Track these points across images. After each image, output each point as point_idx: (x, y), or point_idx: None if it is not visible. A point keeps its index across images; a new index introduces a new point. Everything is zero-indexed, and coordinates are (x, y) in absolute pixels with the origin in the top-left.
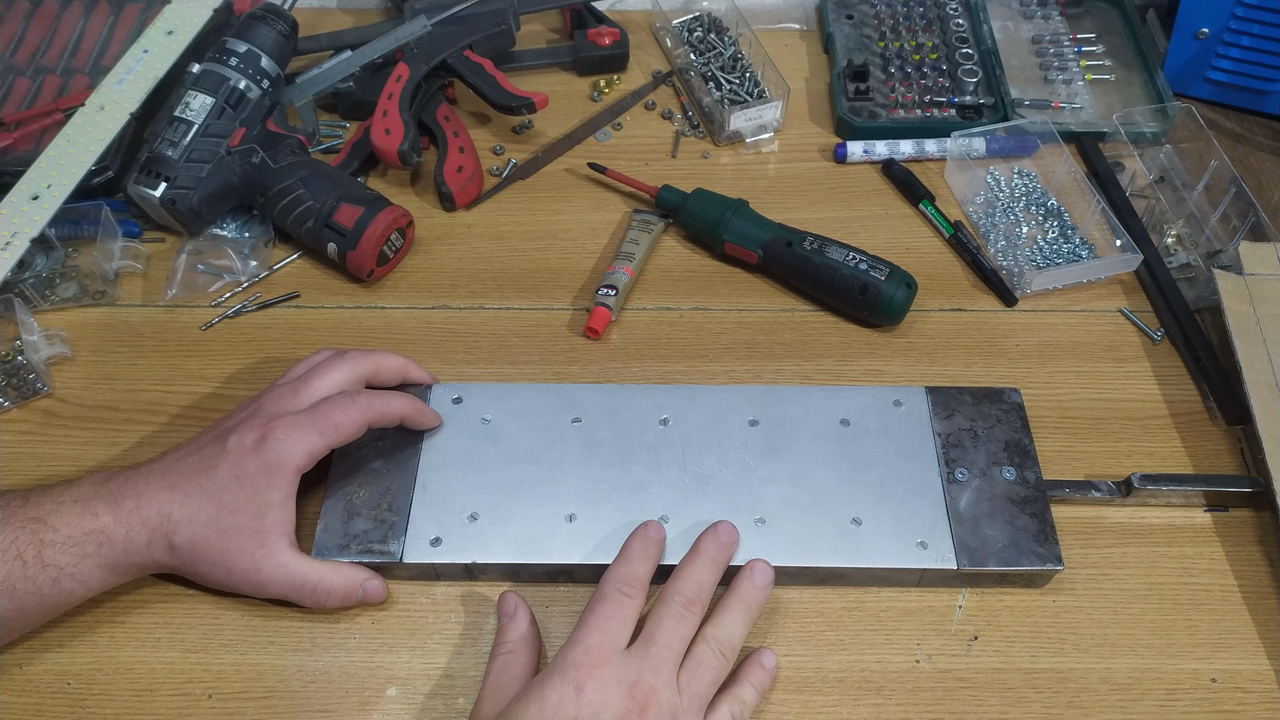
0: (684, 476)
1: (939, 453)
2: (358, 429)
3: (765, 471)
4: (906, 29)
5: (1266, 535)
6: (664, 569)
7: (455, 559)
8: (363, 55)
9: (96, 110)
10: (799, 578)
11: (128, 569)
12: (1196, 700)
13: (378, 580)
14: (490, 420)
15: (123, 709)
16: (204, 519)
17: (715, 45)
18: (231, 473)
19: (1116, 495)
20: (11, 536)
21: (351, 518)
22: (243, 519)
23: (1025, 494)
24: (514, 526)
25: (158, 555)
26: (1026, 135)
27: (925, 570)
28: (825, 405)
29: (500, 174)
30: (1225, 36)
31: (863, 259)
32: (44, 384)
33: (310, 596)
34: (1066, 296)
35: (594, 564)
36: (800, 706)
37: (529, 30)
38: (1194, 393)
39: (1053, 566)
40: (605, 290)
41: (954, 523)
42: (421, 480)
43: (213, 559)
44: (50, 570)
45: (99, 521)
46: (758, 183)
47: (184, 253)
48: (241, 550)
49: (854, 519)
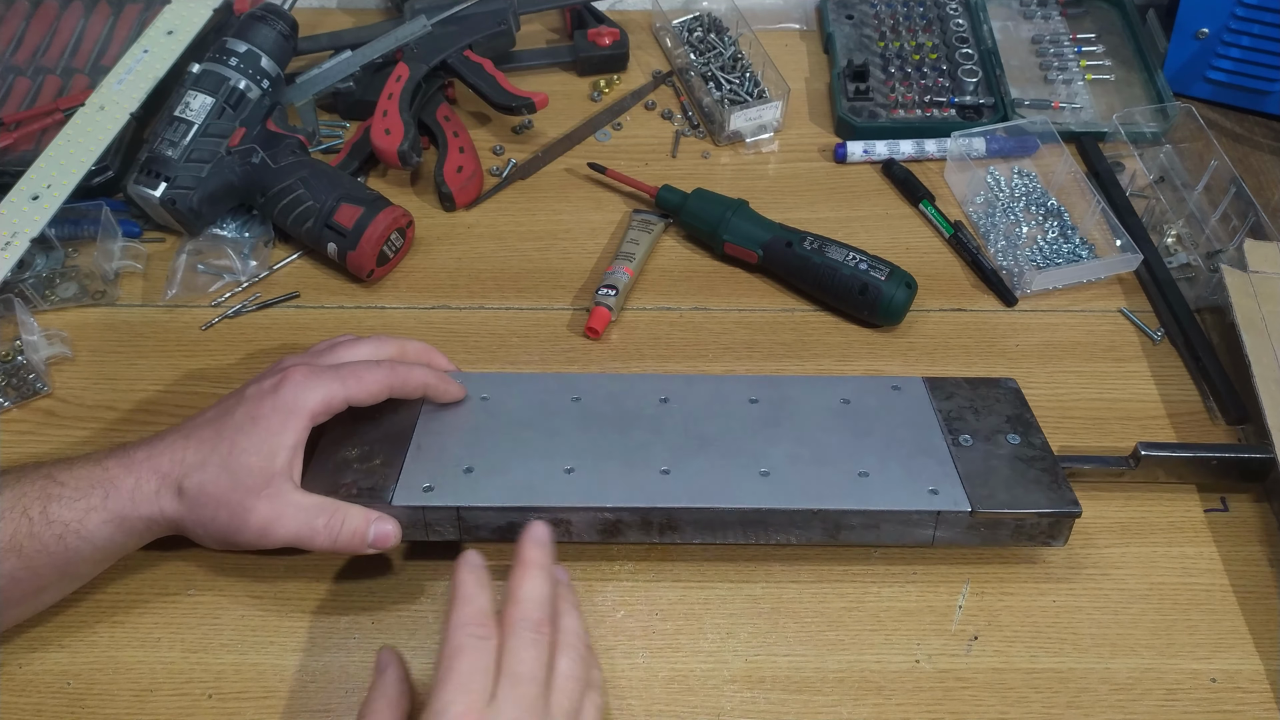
0: (685, 439)
1: (941, 424)
2: (379, 389)
3: (767, 435)
4: (906, 29)
5: (1266, 535)
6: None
7: (447, 502)
8: (363, 55)
9: (96, 110)
10: (808, 527)
11: (134, 525)
12: (1196, 700)
13: (390, 521)
14: (489, 398)
15: (123, 709)
16: (216, 461)
17: (715, 45)
18: (247, 413)
19: (1126, 467)
20: (19, 493)
21: (340, 470)
22: (254, 459)
23: (1032, 454)
24: (509, 476)
25: (165, 505)
26: (1026, 135)
27: (940, 514)
28: (825, 388)
29: (500, 174)
30: (1225, 36)
31: (863, 259)
32: (44, 384)
33: (322, 533)
34: (1066, 296)
35: (593, 507)
36: (800, 706)
37: (529, 30)
38: (1194, 393)
39: (1070, 509)
40: (605, 290)
41: (963, 477)
42: (416, 441)
43: (219, 500)
44: (55, 526)
45: (107, 473)
46: (758, 183)
47: (184, 253)
48: (250, 489)
49: (861, 472)
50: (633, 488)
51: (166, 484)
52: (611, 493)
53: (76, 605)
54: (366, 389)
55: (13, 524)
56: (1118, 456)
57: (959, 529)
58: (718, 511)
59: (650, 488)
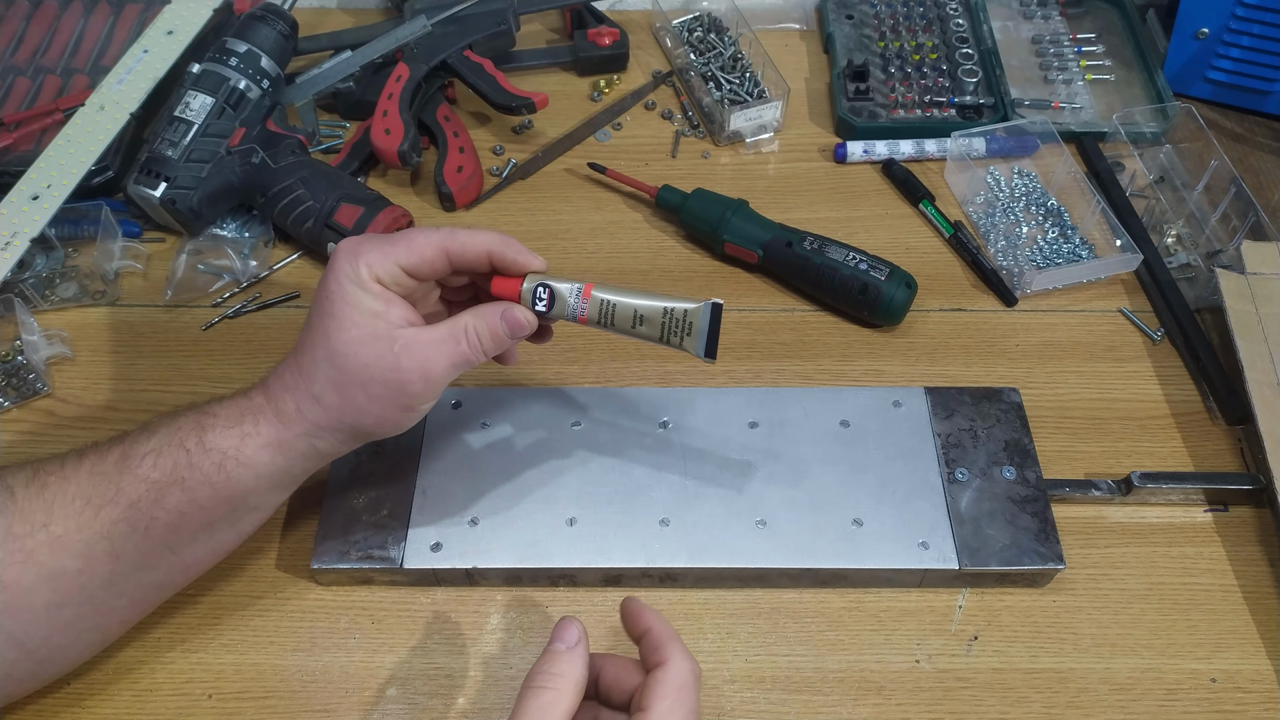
0: (684, 480)
1: (939, 453)
2: (432, 253)
3: (766, 473)
4: (906, 29)
5: (1267, 535)
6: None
7: (456, 564)
8: (363, 55)
9: (96, 110)
10: (801, 579)
11: (291, 448)
12: (1196, 700)
13: (518, 309)
14: (489, 425)
15: (123, 709)
16: (323, 356)
17: (715, 45)
18: (318, 307)
19: (1117, 494)
20: (175, 427)
21: (351, 524)
22: (357, 331)
23: (1026, 493)
24: (514, 530)
25: (308, 413)
26: (1026, 135)
27: (927, 571)
28: (824, 407)
29: (500, 174)
30: (1225, 36)
31: (863, 259)
32: (44, 384)
33: (469, 352)
34: (1066, 296)
35: (595, 567)
36: (800, 706)
37: (529, 30)
38: (1194, 393)
39: (1054, 565)
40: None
41: (955, 523)
42: (421, 486)
43: (355, 379)
44: (214, 455)
45: (252, 402)
46: (758, 183)
47: (184, 253)
48: (377, 355)
49: (855, 520)
50: (634, 545)
51: (301, 396)
52: (614, 551)
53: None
54: (418, 252)
55: (171, 457)
56: (1110, 481)
57: (946, 578)
58: (716, 570)
59: (651, 544)
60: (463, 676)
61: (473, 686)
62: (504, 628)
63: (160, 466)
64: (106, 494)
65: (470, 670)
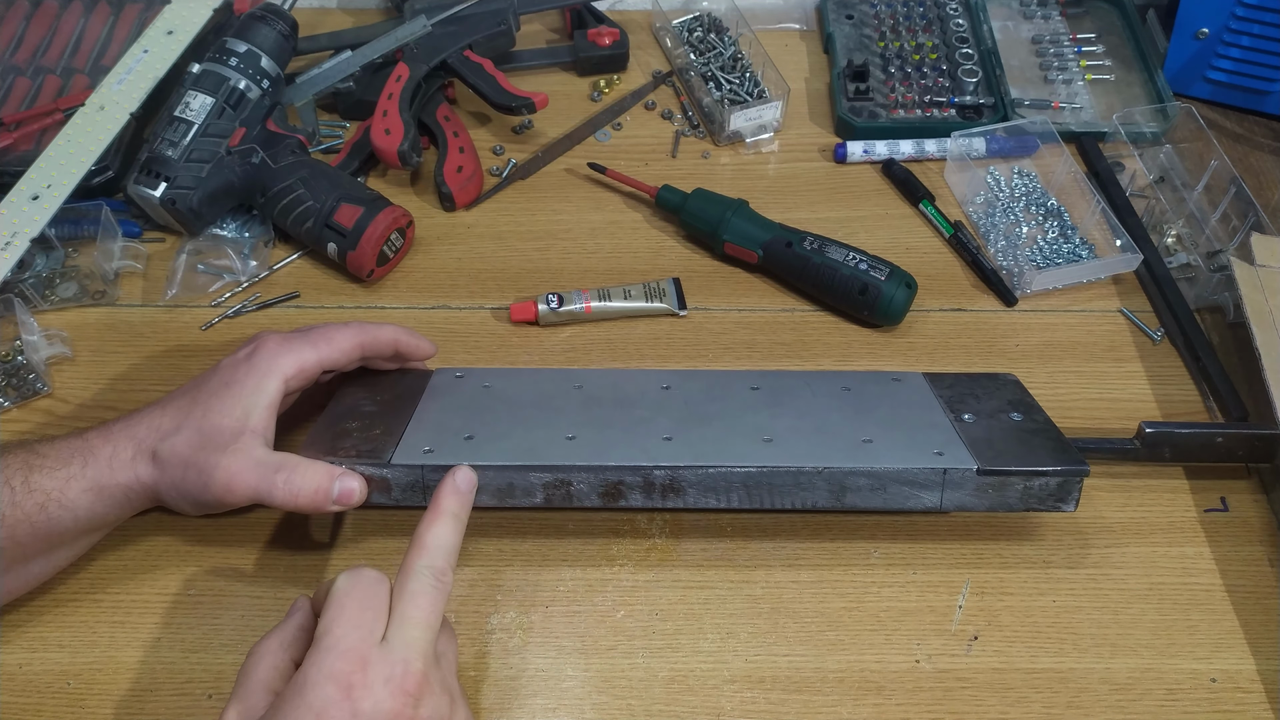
0: (687, 413)
1: (943, 405)
2: (350, 346)
3: (770, 411)
4: (906, 29)
5: (1266, 535)
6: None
7: (446, 461)
8: (363, 55)
9: (96, 110)
10: (812, 489)
11: (113, 493)
12: (1196, 700)
13: (355, 478)
14: (490, 386)
15: (123, 709)
16: (190, 425)
17: (715, 45)
18: (221, 380)
19: (1132, 447)
20: (1, 465)
21: (340, 437)
22: (226, 420)
23: (1036, 427)
24: (511, 441)
25: (141, 471)
26: (1026, 135)
27: (948, 471)
28: (825, 379)
29: (500, 174)
30: (1225, 36)
31: (863, 259)
32: (44, 384)
33: (280, 488)
34: (1066, 296)
35: (596, 465)
36: (800, 706)
37: (529, 30)
38: (1194, 393)
39: (1078, 468)
40: (551, 296)
41: (968, 443)
42: (418, 416)
43: (189, 460)
44: (37, 495)
45: (87, 443)
46: (758, 183)
47: (184, 253)
48: (218, 447)
49: (865, 439)
50: (635, 450)
51: (142, 450)
52: (614, 454)
53: (77, 605)
54: (338, 348)
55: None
56: (1123, 438)
57: (967, 490)
58: (721, 472)
59: (653, 450)
60: (462, 676)
61: (472, 685)
62: (504, 627)
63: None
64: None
65: (470, 670)
